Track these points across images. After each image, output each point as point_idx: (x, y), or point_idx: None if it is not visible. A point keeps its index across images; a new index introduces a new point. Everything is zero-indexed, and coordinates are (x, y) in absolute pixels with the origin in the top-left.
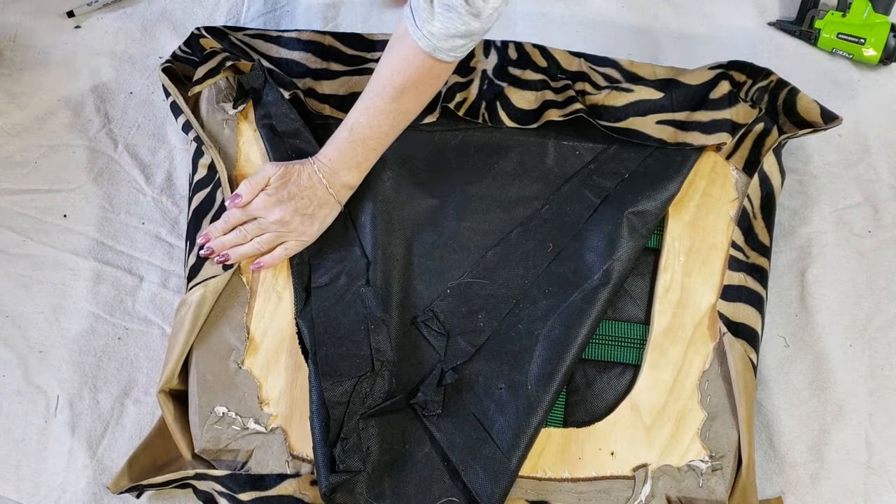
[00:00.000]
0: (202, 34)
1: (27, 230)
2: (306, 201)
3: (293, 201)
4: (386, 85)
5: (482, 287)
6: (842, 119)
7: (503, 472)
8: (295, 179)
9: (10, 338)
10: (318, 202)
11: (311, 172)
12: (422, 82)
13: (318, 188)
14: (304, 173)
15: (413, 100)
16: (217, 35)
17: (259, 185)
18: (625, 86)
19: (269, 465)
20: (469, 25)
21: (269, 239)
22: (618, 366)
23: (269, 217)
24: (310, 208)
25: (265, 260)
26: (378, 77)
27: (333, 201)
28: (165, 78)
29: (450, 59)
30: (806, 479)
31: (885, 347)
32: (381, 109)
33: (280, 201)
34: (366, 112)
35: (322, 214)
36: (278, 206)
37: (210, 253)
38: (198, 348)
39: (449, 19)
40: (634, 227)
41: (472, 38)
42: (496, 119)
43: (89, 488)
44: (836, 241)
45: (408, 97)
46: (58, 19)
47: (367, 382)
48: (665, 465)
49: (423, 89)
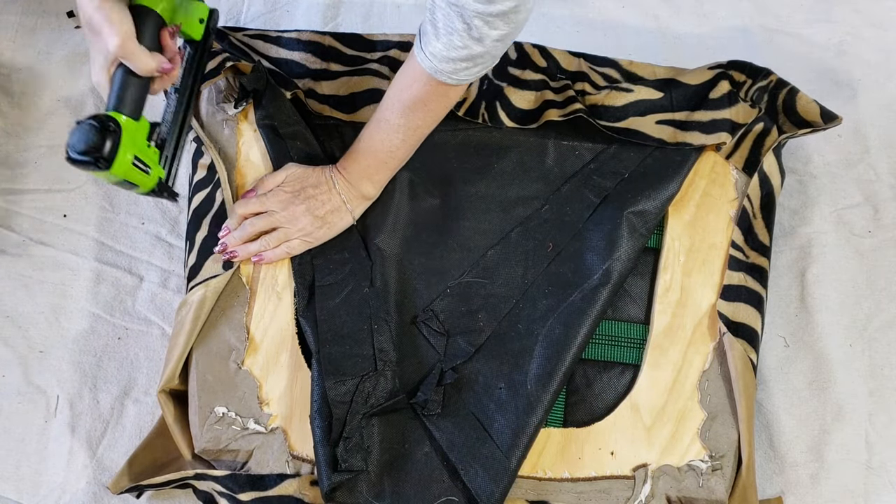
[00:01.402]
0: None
1: (27, 230)
2: (319, 204)
3: (308, 201)
4: (395, 100)
5: (482, 287)
6: (841, 119)
7: (503, 472)
8: (313, 182)
9: (10, 338)
10: (330, 207)
11: (329, 178)
12: (430, 101)
13: (333, 194)
14: (323, 177)
15: (422, 117)
16: (217, 36)
17: (278, 180)
18: (624, 86)
19: (269, 465)
20: (470, 49)
21: (277, 237)
22: (618, 366)
23: (281, 212)
24: (321, 211)
25: (267, 255)
26: (390, 91)
27: (346, 209)
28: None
29: (452, 83)
30: (806, 479)
31: (885, 347)
32: (390, 124)
33: (294, 198)
34: (377, 125)
35: (333, 220)
36: (292, 202)
37: (224, 249)
38: (198, 348)
39: (450, 42)
40: (634, 227)
41: (476, 62)
42: (496, 119)
43: (89, 488)
44: (836, 241)
45: (416, 114)
46: (58, 19)
47: (369, 382)
48: (665, 465)
49: (431, 107)
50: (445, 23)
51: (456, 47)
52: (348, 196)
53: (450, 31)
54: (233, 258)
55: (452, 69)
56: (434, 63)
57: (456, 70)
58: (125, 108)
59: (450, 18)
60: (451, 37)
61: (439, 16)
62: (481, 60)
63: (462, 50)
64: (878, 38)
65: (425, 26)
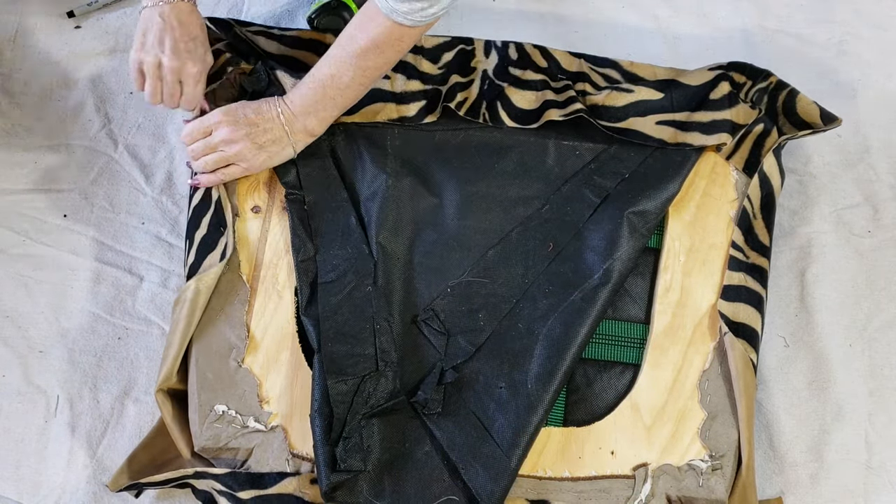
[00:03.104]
0: (208, 26)
1: (27, 230)
2: (261, 130)
3: (247, 127)
4: (350, 39)
5: (482, 286)
6: (841, 120)
7: (503, 471)
8: (255, 108)
9: (10, 338)
10: (271, 137)
11: (273, 107)
12: (383, 44)
13: (275, 123)
14: (266, 105)
15: (374, 58)
16: (222, 27)
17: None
18: (625, 86)
19: (269, 463)
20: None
21: (214, 159)
22: (618, 365)
23: (219, 134)
24: (261, 139)
25: (202, 178)
26: (346, 30)
27: (287, 141)
28: None
29: (409, 23)
30: (806, 479)
31: (885, 347)
32: (343, 61)
33: (235, 122)
34: (329, 61)
35: (273, 150)
36: (232, 125)
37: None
38: (198, 346)
39: None
40: (634, 227)
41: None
42: (497, 119)
43: (89, 488)
44: (835, 241)
45: (370, 56)
46: (58, 19)
47: (370, 382)
48: (665, 465)
49: (385, 50)
50: None
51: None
52: (291, 128)
53: None
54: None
55: (408, 9)
56: (389, 3)
57: (412, 10)
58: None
59: None
60: None
61: None
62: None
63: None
64: (878, 38)
65: None
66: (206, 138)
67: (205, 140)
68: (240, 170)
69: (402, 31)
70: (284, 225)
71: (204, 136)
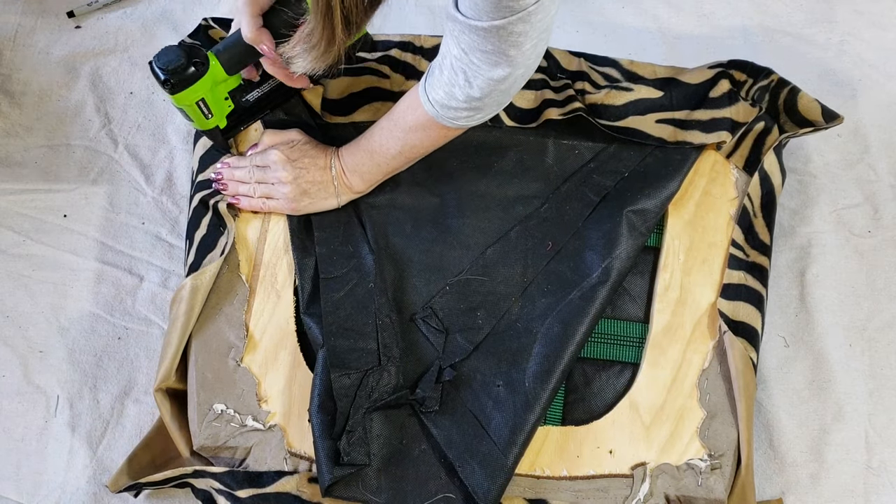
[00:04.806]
0: (210, 25)
1: (27, 230)
2: (310, 178)
3: (300, 171)
4: (401, 115)
5: (481, 284)
6: (843, 118)
7: (500, 469)
8: (313, 155)
9: (10, 338)
10: (319, 184)
11: (327, 158)
12: (430, 130)
13: (326, 174)
14: (322, 155)
15: (420, 139)
16: (225, 26)
17: (283, 140)
18: (624, 85)
19: (268, 462)
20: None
21: (262, 189)
22: (617, 364)
23: (275, 171)
24: (310, 185)
25: (245, 201)
26: (399, 103)
27: (332, 192)
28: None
29: (453, 126)
30: (806, 479)
31: (884, 347)
32: (391, 133)
33: (291, 162)
34: (379, 128)
35: (317, 197)
36: (287, 165)
37: (219, 178)
38: (197, 346)
39: (451, 93)
40: (634, 226)
41: (477, 111)
42: (496, 118)
43: (89, 488)
44: (835, 241)
45: (416, 135)
46: (58, 19)
47: (373, 377)
48: (664, 464)
49: (431, 135)
50: (450, 75)
51: (456, 98)
52: (339, 182)
53: (452, 83)
54: (223, 189)
55: (454, 116)
56: (436, 108)
57: (457, 117)
58: (223, 57)
59: (455, 72)
60: (452, 88)
61: (447, 64)
62: (483, 111)
63: (462, 102)
64: (878, 38)
65: (433, 67)
66: (263, 170)
67: (262, 171)
68: (280, 208)
69: (448, 130)
70: (284, 225)
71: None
